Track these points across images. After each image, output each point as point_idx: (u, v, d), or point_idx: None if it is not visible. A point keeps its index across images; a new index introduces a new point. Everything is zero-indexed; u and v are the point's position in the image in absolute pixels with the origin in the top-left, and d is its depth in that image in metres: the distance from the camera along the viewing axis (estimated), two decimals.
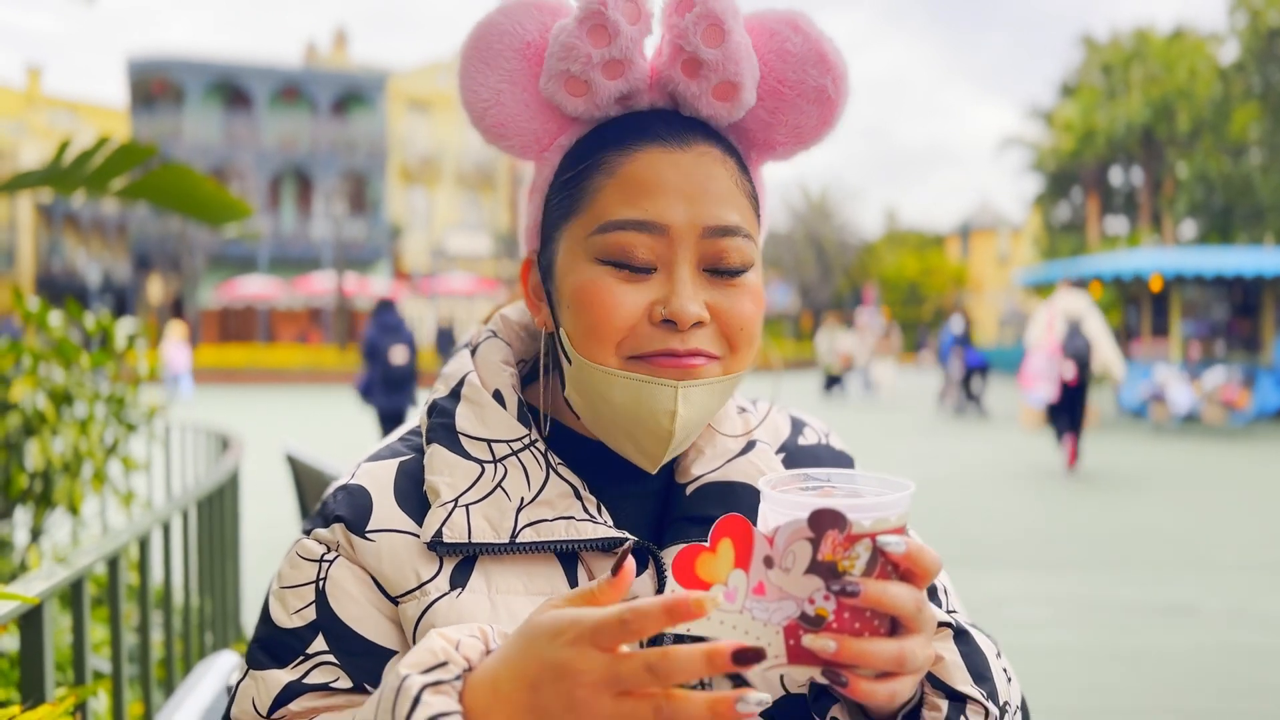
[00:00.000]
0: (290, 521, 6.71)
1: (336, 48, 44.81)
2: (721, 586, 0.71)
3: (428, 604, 0.85)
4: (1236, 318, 17.34)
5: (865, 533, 0.70)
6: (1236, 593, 5.64)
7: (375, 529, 0.89)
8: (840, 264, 49.37)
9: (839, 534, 0.70)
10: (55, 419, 2.66)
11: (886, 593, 0.70)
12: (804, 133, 0.92)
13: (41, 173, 2.18)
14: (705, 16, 0.84)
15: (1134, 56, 30.51)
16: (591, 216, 0.86)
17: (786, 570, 0.71)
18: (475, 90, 0.89)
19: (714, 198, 0.86)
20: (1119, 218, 35.65)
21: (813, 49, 0.88)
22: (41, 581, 1.49)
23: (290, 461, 3.34)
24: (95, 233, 42.46)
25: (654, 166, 0.85)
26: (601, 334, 0.85)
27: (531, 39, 0.88)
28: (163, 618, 2.38)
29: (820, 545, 0.70)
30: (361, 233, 38.98)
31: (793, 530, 0.70)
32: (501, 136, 0.92)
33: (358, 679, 0.85)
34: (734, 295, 0.87)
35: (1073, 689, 4.14)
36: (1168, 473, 10.66)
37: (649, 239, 0.84)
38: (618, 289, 0.85)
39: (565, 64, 0.85)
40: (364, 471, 0.94)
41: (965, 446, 12.96)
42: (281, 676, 0.85)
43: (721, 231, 0.85)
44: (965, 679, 0.83)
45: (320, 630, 0.86)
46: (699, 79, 0.87)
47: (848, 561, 0.70)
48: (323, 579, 0.88)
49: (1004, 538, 7.14)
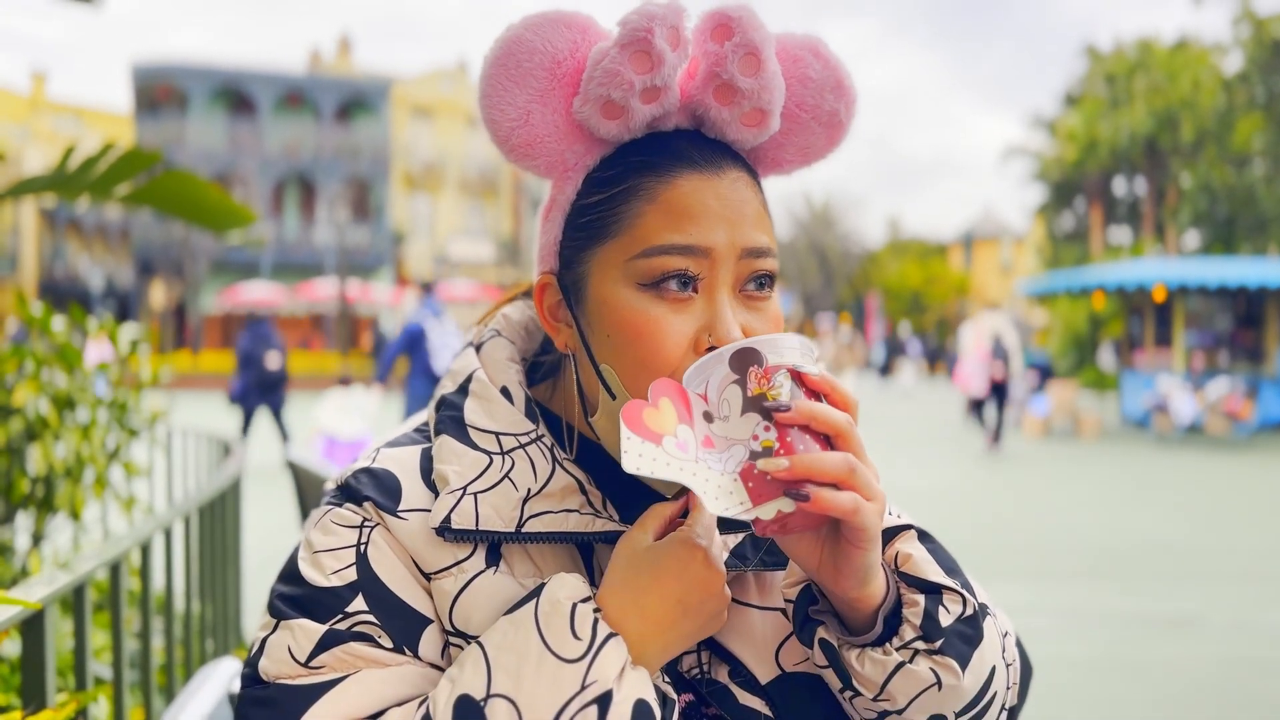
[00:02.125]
0: (292, 528, 6.70)
1: (341, 54, 44.88)
2: (672, 438, 0.77)
3: (466, 580, 0.87)
4: (1240, 328, 17.33)
5: (781, 364, 0.78)
6: (1240, 605, 5.62)
7: (407, 508, 0.90)
8: (843, 273, 49.42)
9: (759, 368, 0.78)
10: (57, 424, 2.66)
11: (816, 408, 0.77)
12: (811, 153, 0.95)
13: (46, 178, 2.19)
14: (743, 46, 0.84)
15: (1138, 67, 30.53)
16: (631, 241, 0.86)
17: (725, 418, 0.79)
18: (503, 109, 0.87)
19: (749, 221, 0.88)
20: (1122, 228, 35.65)
21: (832, 75, 0.91)
22: (43, 587, 1.49)
23: (291, 467, 3.34)
24: (98, 238, 42.56)
25: (696, 192, 0.86)
26: (655, 367, 0.85)
27: (562, 58, 0.86)
28: (164, 624, 2.38)
29: (746, 383, 0.78)
30: (365, 239, 39.01)
31: (720, 378, 0.78)
32: (528, 156, 0.90)
33: (398, 641, 0.85)
34: (763, 319, 0.89)
35: (1076, 701, 4.13)
36: (1171, 484, 10.65)
37: (694, 263, 0.85)
38: (665, 319, 0.85)
39: (606, 89, 0.84)
40: (386, 456, 0.94)
41: (965, 456, 12.94)
42: (320, 627, 0.84)
43: (757, 253, 0.88)
44: (936, 571, 0.88)
45: (360, 590, 0.86)
46: (732, 105, 0.87)
47: (774, 390, 0.78)
48: (364, 543, 0.88)
49: (1005, 548, 7.13)
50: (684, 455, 0.76)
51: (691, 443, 0.77)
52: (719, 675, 0.90)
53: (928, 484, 10.07)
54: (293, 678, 0.83)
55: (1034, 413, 15.86)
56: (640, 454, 0.75)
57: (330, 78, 40.46)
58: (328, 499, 0.94)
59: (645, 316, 0.85)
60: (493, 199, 42.38)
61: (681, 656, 0.91)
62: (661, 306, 0.85)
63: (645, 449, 0.76)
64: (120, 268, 41.66)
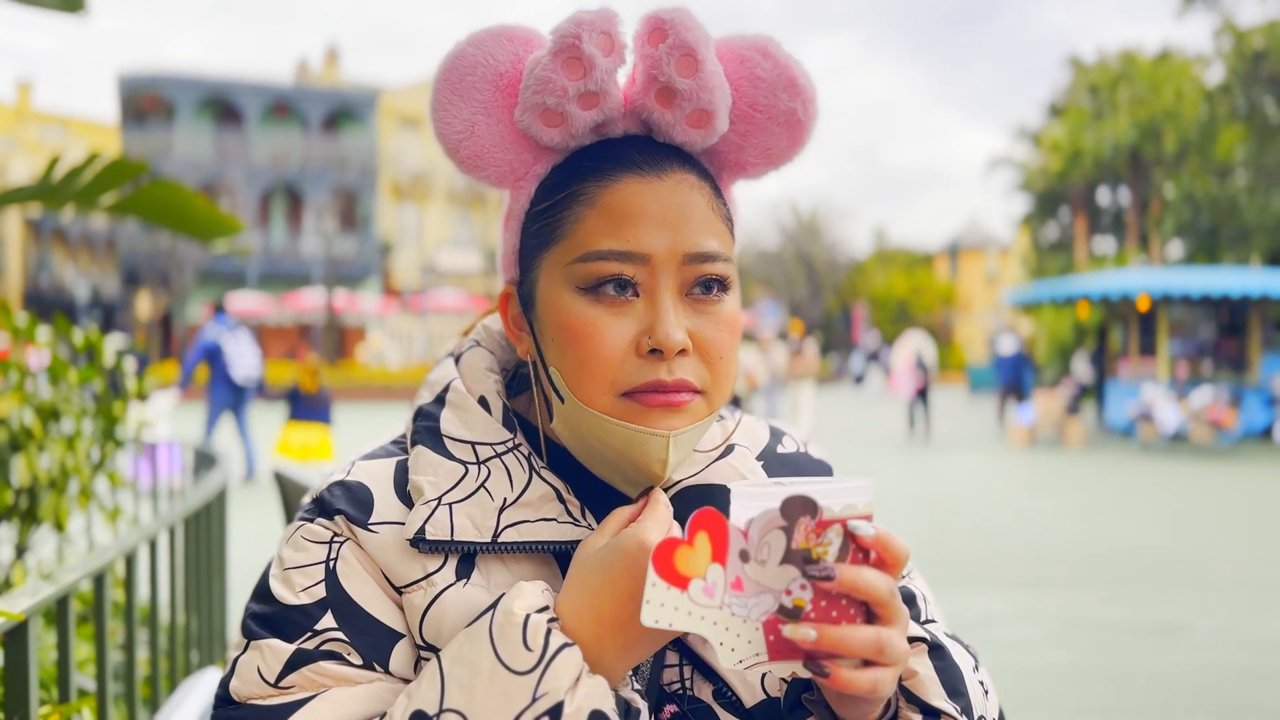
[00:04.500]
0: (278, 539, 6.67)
1: (328, 65, 44.86)
2: (700, 580, 0.72)
3: (435, 594, 0.86)
4: (1223, 337, 17.45)
5: (836, 518, 0.72)
6: (1225, 612, 5.65)
7: (378, 521, 0.89)
8: (830, 282, 49.56)
9: (811, 520, 0.71)
10: (42, 435, 2.65)
11: (861, 577, 0.72)
12: (775, 154, 0.93)
13: (31, 188, 2.18)
14: (679, 47, 0.85)
15: (1121, 78, 30.71)
16: (572, 245, 0.87)
17: (762, 563, 0.72)
18: (449, 122, 0.89)
19: (693, 225, 0.87)
20: (1106, 237, 35.81)
21: (783, 74, 0.90)
22: (26, 598, 1.48)
23: (278, 478, 3.32)
24: (84, 248, 42.36)
25: (634, 196, 0.86)
26: (593, 369, 0.85)
27: (504, 69, 0.88)
28: (148, 635, 2.37)
29: (794, 533, 0.72)
30: (352, 249, 38.95)
31: (766, 520, 0.72)
32: (477, 167, 0.92)
33: (367, 657, 0.85)
34: (714, 323, 0.88)
35: (1061, 709, 4.14)
36: (1155, 492, 10.70)
37: (631, 267, 0.85)
38: (603, 321, 0.85)
39: (540, 97, 0.85)
40: (361, 469, 0.94)
41: (950, 464, 12.98)
42: (289, 646, 0.84)
43: (701, 258, 0.86)
44: (939, 694, 0.85)
45: (329, 608, 0.86)
46: (673, 108, 0.87)
47: (821, 548, 0.72)
48: (333, 559, 0.88)
49: (991, 557, 7.14)
50: (708, 602, 0.73)
51: (720, 585, 0.73)
52: (702, 694, 0.89)
53: (911, 492, 10.09)
54: (262, 698, 0.83)
55: (1019, 422, 15.92)
56: (662, 604, 0.72)
57: (318, 88, 40.44)
58: (300, 514, 0.94)
59: (582, 319, 0.85)
60: (480, 209, 42.37)
61: (663, 669, 0.90)
62: (599, 309, 0.85)
63: (668, 597, 0.72)
64: (106, 278, 41.47)
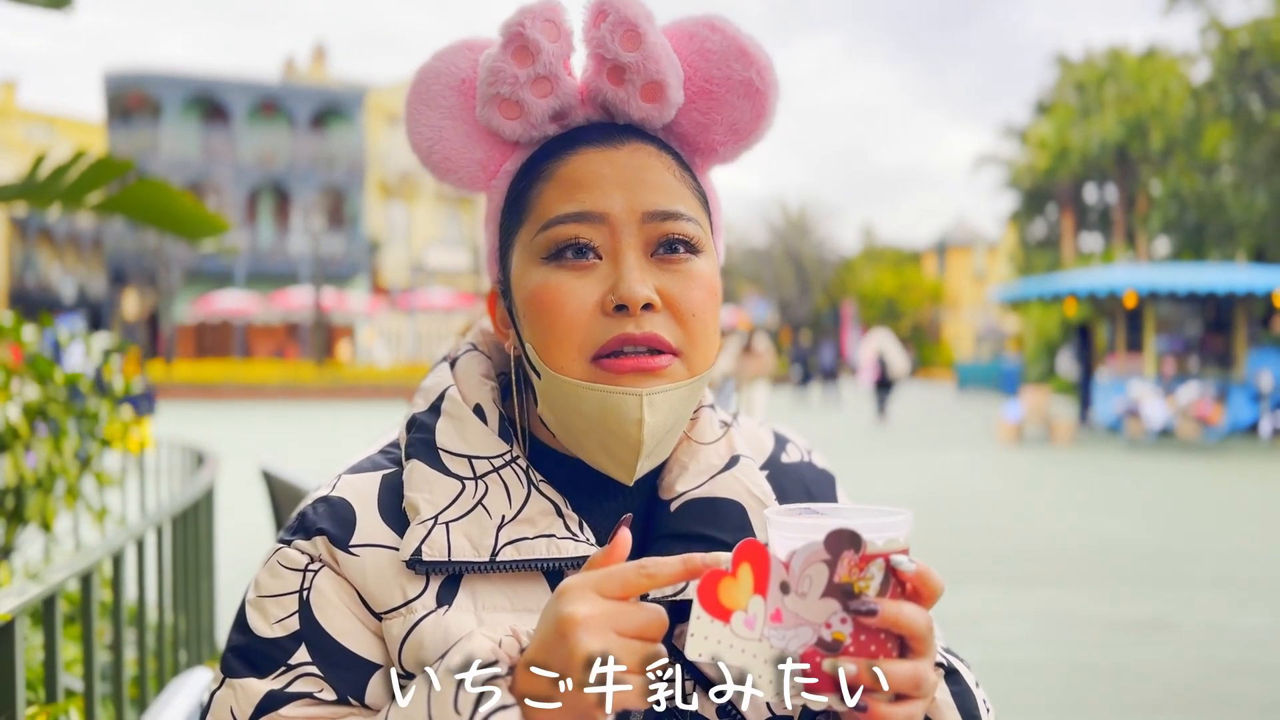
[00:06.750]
0: (266, 538, 6.65)
1: (315, 63, 44.68)
2: (742, 613, 0.72)
3: (414, 622, 0.84)
4: (1209, 334, 17.53)
5: (879, 552, 0.72)
6: (1212, 608, 5.68)
7: (359, 544, 0.87)
8: (819, 280, 49.61)
9: (854, 554, 0.71)
10: (28, 434, 2.64)
11: (902, 613, 0.72)
12: (741, 128, 0.94)
13: (17, 186, 2.17)
14: (620, 24, 0.87)
15: (1108, 75, 30.85)
16: (534, 220, 0.89)
17: (803, 595, 0.72)
18: (419, 131, 0.94)
19: (651, 186, 0.88)
20: (1093, 234, 35.98)
21: (732, 44, 0.91)
22: (13, 598, 1.48)
23: (266, 477, 3.32)
24: (70, 247, 42.12)
25: (588, 163, 0.88)
26: (559, 334, 0.85)
27: (465, 75, 0.92)
28: (136, 635, 2.36)
29: (836, 567, 0.71)
30: (340, 248, 38.82)
31: (810, 553, 0.71)
32: (449, 171, 0.95)
33: (341, 691, 0.84)
34: (683, 280, 0.88)
35: (1048, 705, 4.16)
36: (1142, 488, 10.75)
37: (589, 229, 0.86)
38: (566, 285, 0.86)
39: (495, 87, 0.89)
40: (345, 484, 0.92)
41: (938, 462, 13.02)
42: (262, 685, 0.84)
43: (662, 215, 0.87)
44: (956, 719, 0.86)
45: (303, 641, 0.85)
46: (624, 84, 0.89)
47: (863, 582, 0.71)
48: (307, 589, 0.87)
49: (979, 553, 7.17)
50: (748, 634, 0.72)
51: (760, 617, 0.72)
52: (706, 710, 0.87)
53: (901, 490, 10.11)
54: None
55: (1007, 418, 15.98)
56: (706, 637, 0.72)
57: (305, 86, 40.27)
58: (282, 533, 0.92)
59: (545, 286, 0.86)
60: (468, 208, 42.27)
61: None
62: (562, 274, 0.86)
63: (712, 630, 0.72)
64: (93, 277, 41.24)
